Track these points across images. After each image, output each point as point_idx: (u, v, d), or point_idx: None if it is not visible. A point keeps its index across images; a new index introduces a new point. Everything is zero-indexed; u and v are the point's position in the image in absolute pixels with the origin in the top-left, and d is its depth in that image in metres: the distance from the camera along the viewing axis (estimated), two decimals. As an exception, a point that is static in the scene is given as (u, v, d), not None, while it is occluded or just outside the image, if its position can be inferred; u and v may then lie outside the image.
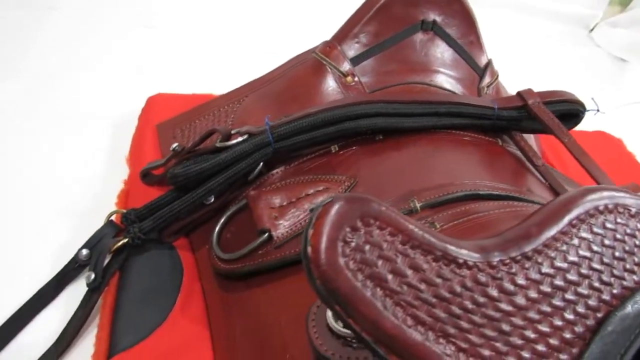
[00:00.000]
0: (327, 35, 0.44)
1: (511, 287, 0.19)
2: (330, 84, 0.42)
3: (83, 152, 0.48)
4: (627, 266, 0.21)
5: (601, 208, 0.22)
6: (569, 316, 0.20)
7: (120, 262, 0.37)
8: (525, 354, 0.19)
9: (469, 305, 0.19)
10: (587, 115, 0.45)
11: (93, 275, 0.35)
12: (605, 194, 0.22)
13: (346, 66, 0.42)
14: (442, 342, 0.18)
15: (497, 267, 0.20)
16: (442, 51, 0.44)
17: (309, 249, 0.18)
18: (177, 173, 0.36)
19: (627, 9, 1.06)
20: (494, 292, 0.19)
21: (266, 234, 0.34)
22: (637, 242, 0.22)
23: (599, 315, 0.20)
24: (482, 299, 0.19)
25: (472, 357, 0.18)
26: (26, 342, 0.34)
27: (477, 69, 0.46)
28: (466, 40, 0.45)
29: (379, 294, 0.18)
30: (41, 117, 0.50)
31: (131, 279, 0.36)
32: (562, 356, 0.19)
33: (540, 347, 0.19)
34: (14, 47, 0.59)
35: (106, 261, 0.37)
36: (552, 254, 0.20)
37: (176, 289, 0.36)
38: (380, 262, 0.18)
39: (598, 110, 0.43)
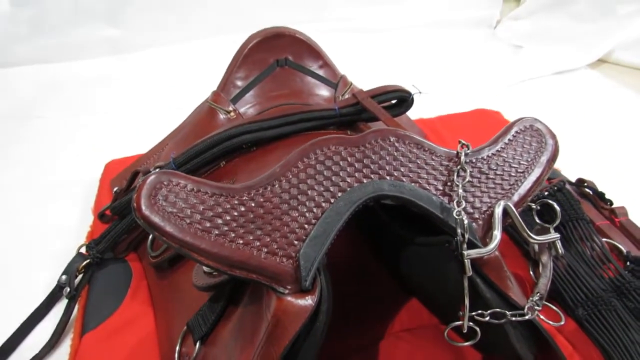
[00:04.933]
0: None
1: (260, 199, 0.33)
2: (220, 121, 0.57)
3: (62, 212, 0.64)
4: (338, 180, 0.35)
5: (324, 149, 0.35)
6: (303, 209, 0.33)
7: (88, 277, 0.51)
8: (276, 234, 0.32)
9: (235, 215, 0.32)
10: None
11: (68, 289, 0.50)
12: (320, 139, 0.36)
13: (229, 106, 0.57)
14: (222, 240, 0.32)
15: (254, 192, 0.33)
16: (300, 78, 0.59)
17: (133, 203, 0.32)
18: (113, 206, 0.51)
19: (522, 2, 1.21)
20: (252, 204, 0.33)
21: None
22: (341, 165, 0.35)
23: (323, 207, 0.34)
24: (242, 209, 0.33)
25: (242, 243, 0.32)
26: (30, 344, 0.48)
27: (331, 84, 0.60)
28: (317, 66, 0.60)
29: (177, 221, 0.32)
30: (32, 189, 0.70)
31: (95, 287, 0.51)
32: (299, 231, 0.32)
33: (286, 228, 0.32)
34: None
35: (78, 279, 0.51)
36: (291, 179, 0.34)
37: (127, 286, 0.50)
38: (178, 202, 0.32)
39: (420, 92, 0.57)
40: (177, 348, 0.40)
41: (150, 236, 0.51)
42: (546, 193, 0.54)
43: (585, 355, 0.42)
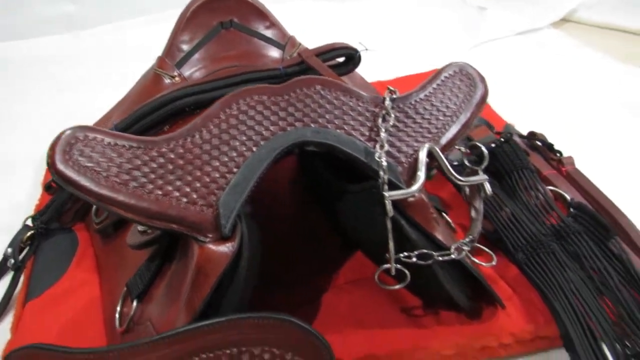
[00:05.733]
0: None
1: (180, 150, 0.33)
2: (164, 87, 0.56)
3: (13, 188, 0.63)
4: (261, 129, 0.34)
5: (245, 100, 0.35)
6: (224, 158, 0.33)
7: (34, 248, 0.51)
8: (197, 184, 0.32)
9: (154, 166, 0.32)
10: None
11: (13, 261, 0.49)
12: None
13: (174, 71, 0.56)
14: (140, 192, 0.32)
15: (173, 143, 0.33)
16: (246, 40, 0.59)
17: (48, 159, 0.31)
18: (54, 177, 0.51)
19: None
20: (171, 155, 0.33)
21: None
22: (264, 114, 0.35)
23: (245, 156, 0.33)
24: (161, 160, 0.32)
25: (161, 194, 0.32)
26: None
27: (279, 45, 0.59)
28: (264, 27, 0.59)
29: (93, 175, 0.31)
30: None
31: (41, 257, 0.50)
32: (220, 180, 0.32)
33: (207, 178, 0.32)
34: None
35: (25, 251, 0.51)
36: (212, 129, 0.34)
37: (72, 255, 0.50)
38: (94, 155, 0.32)
39: (367, 49, 0.56)
40: (118, 308, 0.40)
41: (95, 203, 0.51)
42: (493, 145, 0.54)
43: (524, 298, 0.43)
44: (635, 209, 0.50)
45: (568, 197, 0.50)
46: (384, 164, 0.33)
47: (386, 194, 0.33)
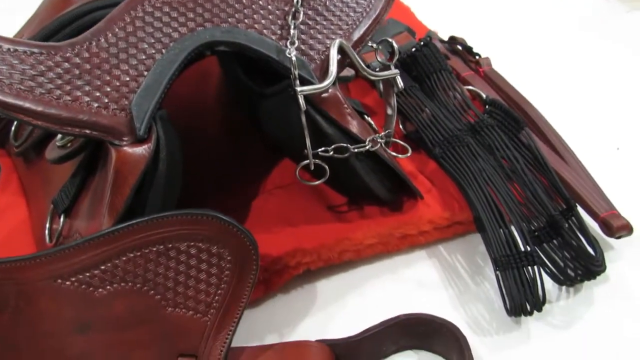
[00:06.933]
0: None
1: (86, 54, 0.32)
2: (74, 0, 0.53)
3: None
4: (169, 30, 0.34)
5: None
6: (133, 61, 0.33)
7: (-46, 178, 0.49)
8: (107, 88, 0.32)
9: (60, 72, 0.31)
10: None
11: None
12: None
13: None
14: (48, 98, 0.31)
15: (78, 47, 0.32)
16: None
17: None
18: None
19: None
20: (77, 60, 0.32)
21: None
22: (172, 15, 0.34)
23: (155, 59, 0.33)
24: (67, 65, 0.32)
25: (70, 99, 0.31)
26: None
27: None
28: None
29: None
30: None
31: (-38, 185, 0.49)
32: (131, 83, 0.32)
33: (117, 82, 0.32)
34: None
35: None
36: (117, 32, 0.33)
37: (-5, 180, 0.49)
38: (-6, 64, 0.31)
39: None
40: (47, 225, 0.40)
41: (13, 127, 0.49)
42: (413, 49, 0.55)
43: (441, 188, 0.46)
44: (546, 103, 0.54)
45: (484, 95, 0.53)
46: (294, 60, 0.34)
47: (298, 89, 0.33)
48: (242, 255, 0.32)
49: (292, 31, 0.35)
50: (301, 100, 0.33)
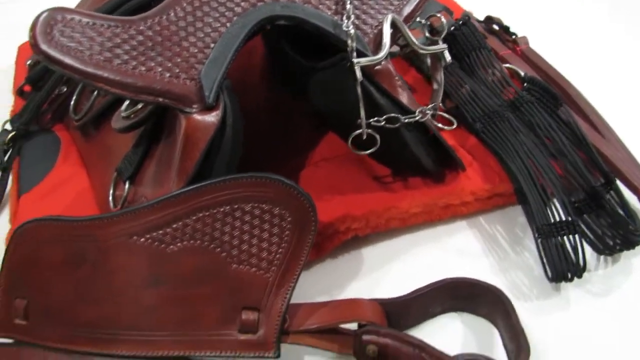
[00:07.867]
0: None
1: (157, 28, 0.34)
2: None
3: None
4: (232, 5, 0.36)
5: None
6: (200, 34, 0.35)
7: (17, 149, 0.52)
8: (177, 59, 0.34)
9: (135, 44, 0.34)
10: None
11: (-1, 161, 0.51)
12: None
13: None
14: (125, 68, 0.33)
15: (150, 21, 0.34)
16: None
17: (31, 41, 0.33)
18: (29, 77, 0.51)
19: None
20: (149, 32, 0.34)
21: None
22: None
23: (220, 32, 0.35)
24: (140, 38, 0.34)
25: (145, 69, 0.33)
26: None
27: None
28: None
29: (77, 53, 0.33)
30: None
31: (26, 156, 0.52)
32: (199, 55, 0.34)
33: (186, 53, 0.34)
34: None
35: (9, 153, 0.52)
36: (185, 7, 0.35)
37: (57, 152, 0.52)
38: (75, 35, 0.33)
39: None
40: (111, 192, 0.43)
41: (73, 101, 0.52)
42: (452, 28, 0.56)
43: (482, 161, 0.47)
44: (584, 81, 0.55)
45: (522, 73, 0.54)
46: (352, 32, 0.36)
47: (355, 60, 0.35)
48: (301, 217, 0.34)
49: (347, 6, 0.37)
50: (358, 72, 0.35)
